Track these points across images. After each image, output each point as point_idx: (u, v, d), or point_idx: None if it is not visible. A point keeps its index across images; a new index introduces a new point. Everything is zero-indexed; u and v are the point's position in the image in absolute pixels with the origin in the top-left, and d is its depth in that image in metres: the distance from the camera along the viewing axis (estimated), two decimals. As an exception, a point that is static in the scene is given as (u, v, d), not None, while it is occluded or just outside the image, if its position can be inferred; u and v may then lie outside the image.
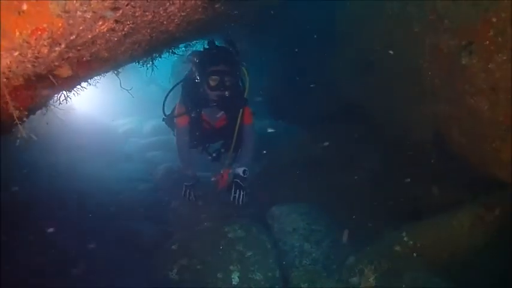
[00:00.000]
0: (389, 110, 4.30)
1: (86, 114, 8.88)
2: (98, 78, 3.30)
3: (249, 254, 3.91)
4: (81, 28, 1.65)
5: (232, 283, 3.74)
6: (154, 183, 6.25)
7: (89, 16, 1.60)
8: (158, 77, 12.57)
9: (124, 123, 11.33)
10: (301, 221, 4.32)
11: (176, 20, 2.64)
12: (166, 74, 11.64)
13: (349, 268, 3.62)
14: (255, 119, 4.60)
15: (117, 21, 1.88)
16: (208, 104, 4.09)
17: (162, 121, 4.82)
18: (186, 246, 4.14)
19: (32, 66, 1.59)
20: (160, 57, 3.99)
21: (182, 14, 2.59)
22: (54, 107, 2.97)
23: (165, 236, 4.50)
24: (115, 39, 2.17)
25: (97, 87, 3.62)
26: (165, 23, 2.55)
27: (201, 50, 4.28)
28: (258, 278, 3.77)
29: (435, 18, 3.40)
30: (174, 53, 4.22)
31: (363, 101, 4.72)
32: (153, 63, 3.94)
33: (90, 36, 1.83)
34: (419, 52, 3.62)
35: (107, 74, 3.37)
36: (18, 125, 1.82)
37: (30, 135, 2.00)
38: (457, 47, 3.22)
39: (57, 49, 1.61)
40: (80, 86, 2.76)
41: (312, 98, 5.76)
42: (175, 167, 6.09)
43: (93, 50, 2.12)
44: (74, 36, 1.67)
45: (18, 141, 1.96)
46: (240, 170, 4.31)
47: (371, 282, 3.17)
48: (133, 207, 5.12)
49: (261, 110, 6.35)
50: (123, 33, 2.15)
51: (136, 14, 1.99)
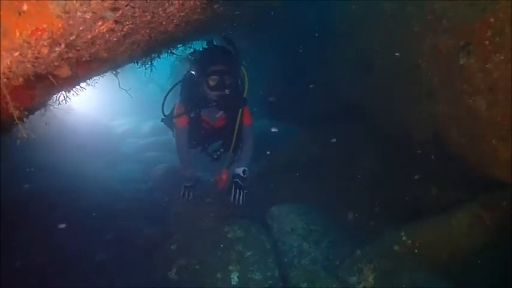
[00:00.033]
0: (388, 110, 4.31)
1: (84, 115, 8.86)
2: (96, 78, 3.30)
3: (248, 254, 3.92)
4: (81, 28, 1.66)
5: (232, 283, 3.75)
6: (153, 184, 6.24)
7: (88, 16, 1.61)
8: (157, 76, 12.60)
9: (122, 124, 11.30)
10: (300, 221, 4.33)
11: (175, 21, 2.64)
12: (165, 73, 11.63)
13: (348, 268, 3.63)
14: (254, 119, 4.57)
15: (116, 22, 1.88)
16: (207, 104, 4.05)
17: (161, 121, 4.77)
18: (185, 246, 4.15)
19: (32, 66, 1.59)
20: (159, 57, 3.98)
21: (181, 14, 2.59)
22: (53, 107, 2.97)
23: (164, 236, 4.49)
24: (114, 40, 2.17)
25: (96, 88, 3.61)
26: (164, 23, 2.55)
27: (200, 50, 4.25)
28: (257, 277, 3.78)
29: (433, 19, 3.42)
30: (172, 53, 4.20)
31: (362, 101, 4.73)
32: (151, 64, 3.92)
33: (89, 36, 1.83)
34: (418, 52, 3.63)
35: (105, 75, 3.37)
36: (19, 124, 1.82)
37: (30, 135, 2.01)
38: (455, 47, 3.23)
39: (57, 49, 1.61)
40: (79, 87, 2.76)
41: (312, 98, 5.77)
42: (174, 167, 6.08)
43: (92, 51, 2.12)
44: (74, 36, 1.67)
45: (19, 141, 1.96)
46: (239, 170, 4.28)
47: (370, 281, 3.18)
48: (133, 208, 5.11)
49: (260, 110, 6.37)
50: (123, 33, 2.15)
51: (136, 14, 2.00)
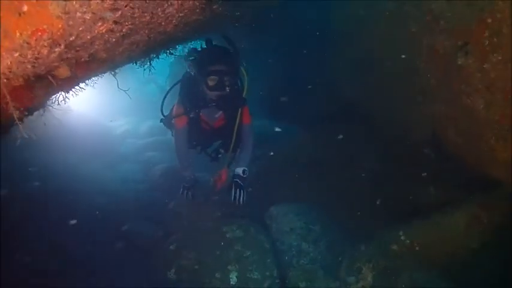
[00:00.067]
0: (387, 110, 4.32)
1: (83, 115, 8.85)
2: (95, 79, 3.30)
3: (247, 253, 3.93)
4: (80, 29, 1.66)
5: (231, 283, 3.75)
6: (152, 184, 6.24)
7: (88, 17, 1.61)
8: (157, 76, 12.60)
9: (121, 124, 11.28)
10: (298, 220, 4.34)
11: (174, 21, 2.64)
12: (165, 73, 11.61)
13: (346, 267, 3.64)
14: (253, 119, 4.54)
15: (116, 22, 1.88)
16: (207, 104, 4.01)
17: (160, 122, 4.76)
18: (184, 246, 4.15)
19: (32, 67, 1.59)
20: (158, 58, 3.97)
21: (180, 15, 2.58)
22: (52, 107, 2.96)
23: (163, 236, 4.50)
24: (113, 40, 2.17)
25: (95, 88, 3.61)
26: (163, 23, 2.55)
27: (199, 49, 4.22)
28: (256, 277, 3.78)
29: (431, 19, 3.43)
30: (171, 53, 4.20)
31: (361, 101, 4.74)
32: (150, 64, 3.92)
33: (89, 37, 1.83)
34: (416, 52, 3.64)
35: (104, 75, 3.37)
36: (19, 125, 1.83)
37: (30, 135, 2.01)
38: (453, 47, 3.25)
39: (57, 50, 1.62)
40: (78, 87, 2.76)
41: (312, 98, 5.77)
42: (173, 168, 6.08)
43: (91, 51, 2.13)
44: (74, 37, 1.68)
45: (19, 141, 1.97)
46: (239, 170, 4.25)
47: (369, 280, 3.19)
48: (132, 208, 5.11)
49: (260, 110, 6.36)
50: (122, 34, 2.15)
51: (135, 15, 2.00)
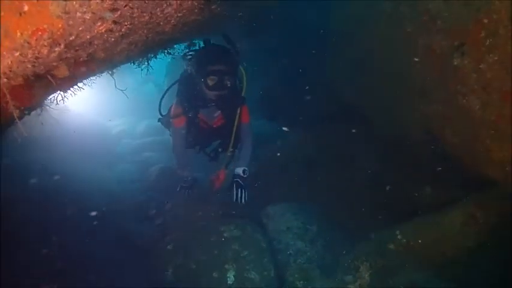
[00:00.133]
0: (384, 111, 4.34)
1: (80, 115, 8.82)
2: (93, 78, 3.30)
3: (245, 253, 3.93)
4: (80, 29, 1.67)
5: (228, 282, 3.75)
6: (149, 184, 6.23)
7: (88, 17, 1.62)
8: (155, 75, 12.58)
9: (118, 124, 11.24)
10: (295, 220, 4.35)
11: (172, 21, 2.65)
12: (163, 72, 11.61)
13: (343, 266, 3.66)
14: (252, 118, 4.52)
15: (115, 22, 1.89)
16: (206, 104, 3.99)
17: (158, 121, 4.71)
18: (181, 246, 4.15)
19: (32, 66, 1.60)
20: (156, 57, 3.96)
21: (179, 15, 2.59)
22: (49, 107, 2.96)
23: (161, 236, 4.48)
24: (112, 40, 2.18)
25: (92, 88, 3.60)
26: (161, 24, 2.55)
27: (198, 49, 4.19)
28: (253, 277, 3.79)
29: (428, 19, 3.45)
30: (169, 53, 4.19)
31: (358, 101, 4.75)
32: (148, 64, 3.91)
33: (88, 36, 1.84)
34: (413, 53, 3.66)
35: (102, 75, 3.37)
36: (19, 124, 1.83)
37: (29, 134, 2.02)
38: (450, 47, 3.27)
39: (57, 49, 1.62)
40: (77, 86, 2.76)
41: (310, 98, 5.78)
42: (170, 168, 6.08)
43: (90, 51, 2.14)
44: (73, 36, 1.69)
45: (19, 140, 1.97)
46: (239, 170, 4.24)
47: (366, 278, 3.21)
48: (129, 208, 5.11)
49: (259, 110, 6.37)
50: (121, 33, 2.16)
51: (134, 15, 2.01)
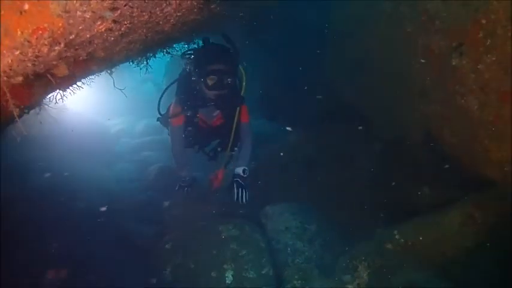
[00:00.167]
0: (383, 111, 4.35)
1: (79, 114, 8.81)
2: (92, 77, 3.30)
3: (243, 252, 3.92)
4: (80, 28, 1.67)
5: (226, 282, 3.75)
6: (148, 183, 6.22)
7: (88, 16, 1.62)
8: (154, 74, 12.59)
9: (116, 123, 11.23)
10: (294, 220, 4.35)
11: (172, 21, 2.65)
12: (162, 72, 11.60)
13: (342, 266, 3.66)
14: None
15: (115, 21, 1.90)
16: (205, 104, 3.98)
17: (157, 121, 4.72)
18: (179, 245, 4.14)
19: (32, 65, 1.60)
20: (155, 57, 3.96)
21: (178, 14, 2.60)
22: (47, 106, 2.96)
23: (159, 236, 4.48)
24: (112, 39, 2.18)
25: (91, 87, 3.60)
26: (161, 23, 2.56)
27: (197, 48, 4.18)
28: (251, 276, 3.78)
29: (427, 19, 3.46)
30: (168, 52, 4.19)
31: (357, 101, 4.76)
32: (147, 63, 3.91)
33: (88, 35, 1.84)
34: (413, 53, 3.67)
35: (101, 74, 3.37)
36: (19, 123, 1.83)
37: (26, 133, 2.02)
38: (448, 48, 3.28)
39: (57, 48, 1.63)
40: (76, 85, 2.76)
41: (309, 98, 5.79)
42: (169, 167, 6.08)
43: (90, 50, 2.14)
44: (73, 35, 1.69)
45: (18, 139, 1.97)
46: (239, 170, 4.23)
47: (364, 278, 3.21)
48: (128, 207, 5.10)
49: (258, 110, 6.37)
50: (120, 33, 2.16)
51: (134, 14, 2.01)
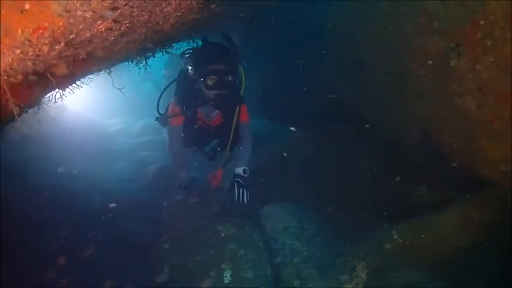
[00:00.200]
0: (381, 111, 4.35)
1: (77, 113, 8.81)
2: (91, 77, 3.30)
3: (241, 252, 3.93)
4: (80, 27, 1.68)
5: (225, 282, 3.74)
6: (146, 183, 6.23)
7: (88, 15, 1.63)
8: (153, 74, 12.60)
9: (115, 123, 11.21)
10: (292, 220, 4.37)
11: (171, 20, 2.65)
12: (161, 71, 11.61)
13: (340, 266, 3.67)
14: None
15: (115, 21, 1.90)
16: (205, 103, 3.97)
17: (156, 120, 4.69)
18: (178, 245, 4.14)
19: (33, 64, 1.61)
20: (154, 56, 3.96)
21: (177, 14, 2.60)
22: (46, 105, 2.96)
23: (157, 235, 4.48)
24: (111, 39, 2.19)
25: (90, 86, 3.60)
26: (160, 22, 2.56)
27: (197, 47, 4.17)
28: (250, 276, 3.78)
29: (425, 20, 3.47)
30: (167, 52, 4.19)
31: (357, 101, 4.76)
32: (146, 63, 3.91)
33: (88, 35, 1.84)
34: (410, 53, 3.68)
35: (100, 73, 3.37)
36: (18, 122, 1.83)
37: (26, 132, 2.02)
38: (446, 48, 3.29)
39: (57, 47, 1.63)
40: (75, 85, 2.76)
41: (307, 98, 5.80)
42: (167, 167, 6.08)
43: (89, 49, 2.14)
44: (74, 35, 1.69)
45: (18, 138, 1.97)
46: (240, 170, 4.20)
47: (363, 278, 3.22)
48: (126, 207, 5.10)
49: (257, 110, 6.36)
50: (120, 32, 2.16)
51: (134, 13, 2.01)
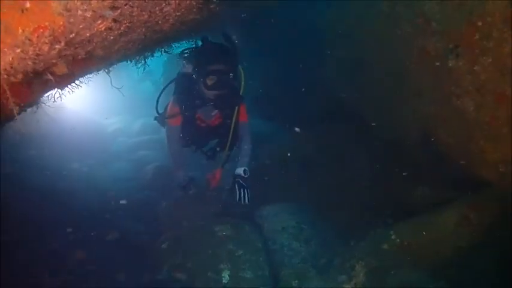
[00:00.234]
0: (380, 111, 4.37)
1: (76, 113, 8.79)
2: (90, 76, 3.30)
3: (240, 252, 3.93)
4: (80, 27, 1.68)
5: (223, 282, 3.75)
6: (145, 183, 6.21)
7: (89, 15, 1.63)
8: (152, 74, 12.60)
9: (113, 123, 11.19)
10: (290, 220, 4.37)
11: (171, 20, 2.66)
12: (160, 71, 11.59)
13: (338, 266, 3.68)
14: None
15: (115, 21, 1.90)
16: (204, 103, 3.97)
17: (154, 120, 4.69)
18: (176, 245, 4.14)
19: (33, 63, 1.61)
20: (153, 56, 3.96)
21: (177, 14, 2.60)
22: (45, 104, 2.96)
23: (156, 235, 4.48)
24: (111, 38, 2.19)
25: (89, 86, 3.59)
26: (160, 22, 2.56)
27: (196, 47, 4.17)
28: (248, 276, 3.79)
29: (423, 21, 3.48)
30: (166, 52, 4.19)
31: (355, 101, 4.78)
32: (145, 62, 3.90)
33: (88, 34, 1.84)
34: (408, 54, 3.69)
35: (99, 72, 3.37)
36: (17, 121, 1.83)
37: (24, 132, 2.02)
38: (445, 49, 3.30)
39: (57, 47, 1.63)
40: (74, 84, 2.76)
41: (306, 98, 5.80)
42: (166, 167, 6.07)
43: (89, 48, 2.14)
44: (74, 34, 1.69)
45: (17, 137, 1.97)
46: (240, 170, 4.20)
47: (361, 278, 3.23)
48: (124, 207, 5.10)
49: (256, 110, 6.37)
50: (119, 32, 2.16)
51: (134, 13, 2.01)
